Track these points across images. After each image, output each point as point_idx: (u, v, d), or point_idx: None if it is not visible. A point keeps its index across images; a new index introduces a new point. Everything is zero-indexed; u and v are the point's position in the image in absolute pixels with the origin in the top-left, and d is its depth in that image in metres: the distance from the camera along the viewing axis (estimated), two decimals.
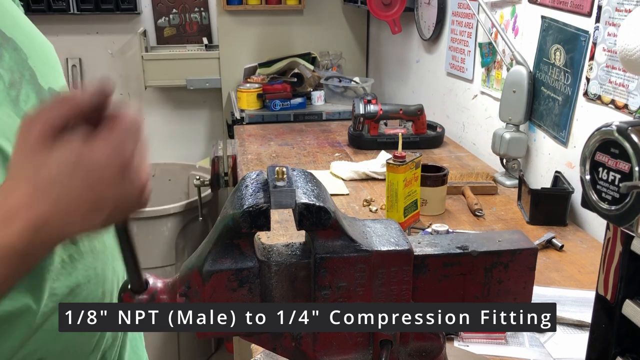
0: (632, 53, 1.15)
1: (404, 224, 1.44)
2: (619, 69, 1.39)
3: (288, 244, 0.70)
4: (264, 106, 2.81)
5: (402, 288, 0.66)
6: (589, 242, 1.43)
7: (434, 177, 1.57)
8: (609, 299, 0.73)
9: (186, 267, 0.66)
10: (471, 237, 0.72)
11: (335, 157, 2.10)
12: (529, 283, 0.71)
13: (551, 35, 1.68)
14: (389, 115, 2.18)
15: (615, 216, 0.66)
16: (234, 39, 3.24)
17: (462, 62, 2.24)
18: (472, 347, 1.02)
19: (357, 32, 3.37)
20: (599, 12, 1.45)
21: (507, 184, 1.80)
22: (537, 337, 1.05)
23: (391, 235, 0.68)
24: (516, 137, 1.76)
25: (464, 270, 0.69)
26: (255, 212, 0.62)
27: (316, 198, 0.64)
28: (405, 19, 2.64)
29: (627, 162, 0.64)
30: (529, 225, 1.52)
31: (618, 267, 0.71)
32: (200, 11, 3.55)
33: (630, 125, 0.64)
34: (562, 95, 1.64)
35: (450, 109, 2.40)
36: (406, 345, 0.70)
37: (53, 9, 3.30)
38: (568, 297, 1.17)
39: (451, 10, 2.32)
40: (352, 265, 0.64)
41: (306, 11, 3.25)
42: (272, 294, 0.66)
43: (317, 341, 0.67)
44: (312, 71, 3.00)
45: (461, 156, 2.12)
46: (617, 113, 1.41)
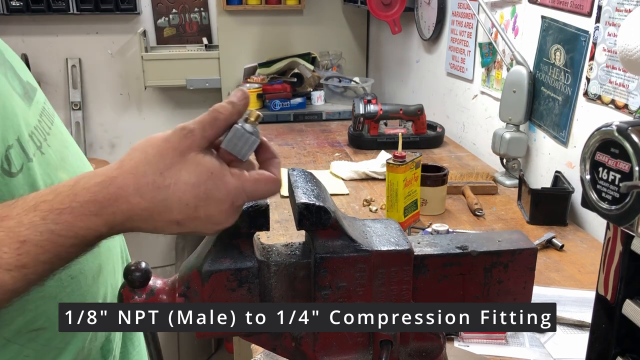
0: (632, 53, 1.14)
1: (404, 223, 1.44)
2: (619, 69, 1.39)
3: (288, 243, 0.70)
4: (264, 106, 2.81)
5: (402, 288, 0.66)
6: (589, 242, 1.43)
7: (434, 177, 1.56)
8: (609, 299, 0.72)
9: (185, 267, 0.66)
10: (471, 237, 0.72)
11: (335, 157, 2.10)
12: (528, 283, 0.71)
13: (551, 35, 1.68)
14: (389, 115, 2.18)
15: (615, 216, 0.66)
16: (233, 39, 3.24)
17: (462, 62, 2.24)
18: (472, 347, 1.02)
19: (357, 32, 3.37)
20: (599, 12, 1.45)
21: (507, 184, 1.80)
22: (537, 337, 1.05)
23: (391, 235, 0.68)
24: (516, 137, 1.76)
25: (463, 271, 0.69)
26: (254, 212, 0.62)
27: (316, 198, 0.64)
28: (405, 19, 2.64)
29: (627, 162, 0.64)
30: (529, 225, 1.52)
31: (618, 267, 0.71)
32: (200, 11, 3.55)
33: (630, 125, 0.64)
34: (562, 95, 1.64)
35: (450, 109, 2.40)
36: (406, 345, 0.70)
37: (53, 9, 3.30)
38: (568, 297, 1.17)
39: (451, 10, 2.32)
40: (352, 265, 0.64)
41: (306, 11, 3.25)
42: (271, 294, 0.66)
43: (317, 341, 0.67)
44: (312, 71, 3.00)
45: (461, 156, 2.12)
46: (617, 113, 1.41)
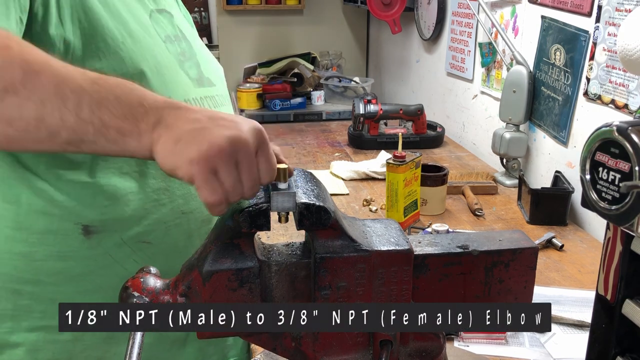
0: (632, 53, 1.14)
1: (404, 223, 1.44)
2: (619, 69, 1.39)
3: (288, 243, 0.70)
4: (264, 106, 2.81)
5: (402, 288, 0.66)
6: (589, 242, 1.43)
7: (434, 177, 1.56)
8: (609, 299, 0.72)
9: (186, 267, 0.66)
10: (472, 237, 0.72)
11: (335, 157, 2.10)
12: (529, 282, 0.71)
13: (551, 35, 1.68)
14: (389, 115, 2.18)
15: (615, 216, 0.66)
16: (233, 39, 3.23)
17: (462, 62, 2.24)
18: (472, 347, 1.02)
19: (357, 32, 3.37)
20: (599, 12, 1.45)
21: (507, 184, 1.80)
22: (537, 337, 1.05)
23: (391, 235, 0.68)
24: (516, 137, 1.76)
25: (464, 270, 0.69)
26: (255, 212, 0.62)
27: (316, 198, 0.64)
28: (405, 19, 2.64)
29: (627, 162, 0.64)
30: (529, 225, 1.52)
31: (618, 267, 0.71)
32: (200, 11, 3.55)
33: (630, 125, 0.64)
34: (562, 95, 1.64)
35: (450, 109, 2.40)
36: (406, 345, 0.70)
37: None
38: (568, 297, 1.17)
39: (451, 10, 2.32)
40: (352, 265, 0.64)
41: (306, 11, 3.25)
42: (272, 293, 0.66)
43: (317, 341, 0.67)
44: (312, 71, 2.99)
45: (461, 156, 2.12)
46: (617, 113, 1.41)
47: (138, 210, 0.85)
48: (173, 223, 0.89)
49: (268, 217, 0.63)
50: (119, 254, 0.85)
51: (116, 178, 0.83)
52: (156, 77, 0.85)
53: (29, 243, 0.82)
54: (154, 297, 0.64)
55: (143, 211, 0.86)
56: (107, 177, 0.83)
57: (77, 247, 0.83)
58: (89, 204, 0.82)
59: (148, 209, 0.86)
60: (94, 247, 0.84)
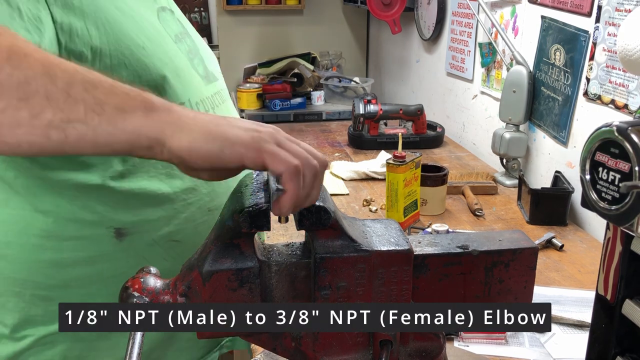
0: (632, 53, 1.15)
1: (404, 223, 1.44)
2: (619, 69, 1.39)
3: (288, 243, 0.70)
4: (264, 106, 2.81)
5: (402, 288, 0.66)
6: (589, 242, 1.43)
7: (434, 177, 1.56)
8: (609, 299, 0.72)
9: (186, 267, 0.66)
10: (472, 237, 0.72)
11: (335, 157, 2.10)
12: (529, 282, 0.71)
13: (551, 35, 1.68)
14: (389, 115, 2.18)
15: (615, 216, 0.66)
16: (233, 39, 3.23)
17: (462, 62, 2.24)
18: (472, 347, 1.02)
19: (357, 32, 3.37)
20: (599, 12, 1.45)
21: (507, 184, 1.80)
22: (537, 337, 1.05)
23: (391, 235, 0.68)
24: (516, 137, 1.76)
25: (464, 270, 0.69)
26: (255, 212, 0.62)
27: None
28: (405, 19, 2.64)
29: (627, 162, 0.64)
30: (529, 225, 1.52)
31: (618, 267, 0.71)
32: (200, 11, 3.55)
33: (630, 125, 0.64)
34: (562, 95, 1.64)
35: (450, 109, 2.40)
36: (406, 345, 0.70)
37: None
38: (568, 297, 1.17)
39: (451, 10, 2.32)
40: (352, 265, 0.64)
41: (306, 11, 3.25)
42: (272, 294, 0.66)
43: (317, 341, 0.67)
44: (312, 71, 2.99)
45: (461, 156, 2.12)
46: (617, 113, 1.41)
47: (168, 210, 0.86)
48: (200, 220, 0.90)
49: (268, 217, 0.63)
50: (150, 253, 0.86)
51: (145, 182, 0.84)
52: (176, 80, 0.84)
53: (59, 250, 0.82)
54: (154, 297, 0.64)
55: (173, 211, 0.87)
56: (136, 181, 0.83)
57: (109, 250, 0.84)
58: (121, 208, 0.83)
59: (177, 209, 0.87)
60: (125, 249, 0.84)
